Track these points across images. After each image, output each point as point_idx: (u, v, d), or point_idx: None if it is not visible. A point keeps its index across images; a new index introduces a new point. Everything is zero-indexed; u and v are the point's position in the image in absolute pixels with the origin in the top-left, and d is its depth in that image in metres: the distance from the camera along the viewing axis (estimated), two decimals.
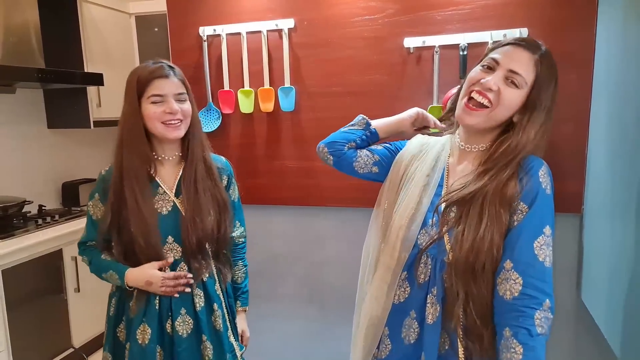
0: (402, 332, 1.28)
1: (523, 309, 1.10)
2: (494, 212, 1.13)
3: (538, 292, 1.11)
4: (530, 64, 1.16)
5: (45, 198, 3.46)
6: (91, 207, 1.61)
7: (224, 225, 1.63)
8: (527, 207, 1.14)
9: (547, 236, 1.13)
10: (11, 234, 2.80)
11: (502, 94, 1.15)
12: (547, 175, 1.17)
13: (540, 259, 1.12)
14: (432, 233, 1.23)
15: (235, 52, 2.43)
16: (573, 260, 2.22)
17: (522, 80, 1.15)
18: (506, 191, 1.13)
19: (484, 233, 1.12)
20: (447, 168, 1.30)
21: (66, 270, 2.98)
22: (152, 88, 1.48)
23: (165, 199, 1.56)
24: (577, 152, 2.12)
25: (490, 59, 1.19)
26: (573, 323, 2.24)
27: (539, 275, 1.12)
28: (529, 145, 1.17)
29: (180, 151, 1.61)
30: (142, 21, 3.67)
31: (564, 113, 2.10)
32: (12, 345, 2.62)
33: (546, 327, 1.10)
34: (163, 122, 1.49)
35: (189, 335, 1.59)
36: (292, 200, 2.49)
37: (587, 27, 2.02)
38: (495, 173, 1.16)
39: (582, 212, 2.16)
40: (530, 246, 1.12)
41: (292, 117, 2.42)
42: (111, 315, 1.65)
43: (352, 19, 2.28)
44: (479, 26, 2.14)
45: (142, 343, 1.54)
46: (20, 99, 3.29)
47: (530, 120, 1.17)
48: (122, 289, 1.60)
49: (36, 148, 3.43)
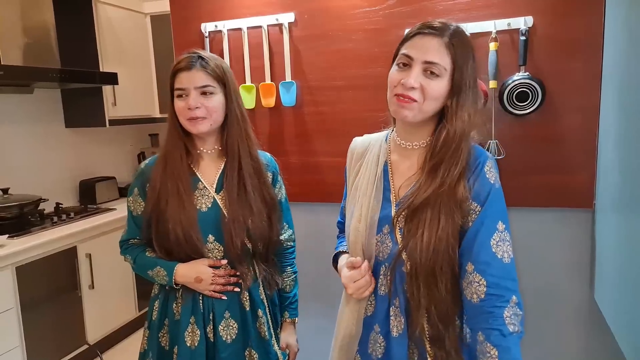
0: (369, 347, 1.25)
1: (491, 310, 1.08)
2: (448, 212, 1.11)
3: (502, 290, 1.09)
4: (442, 49, 1.10)
5: (63, 196, 3.55)
6: (131, 202, 1.53)
7: (274, 227, 1.54)
8: (480, 206, 1.12)
9: (501, 232, 1.11)
10: (27, 231, 2.87)
11: (426, 88, 1.11)
12: (493, 168, 1.15)
13: (499, 256, 1.10)
14: (387, 242, 1.20)
15: (236, 47, 2.43)
16: (585, 257, 2.13)
17: (441, 67, 1.10)
18: (457, 192, 1.11)
19: (440, 234, 1.10)
20: (390, 167, 1.26)
21: (81, 267, 3.03)
22: (177, 82, 1.43)
23: (205, 195, 1.47)
24: (586, 145, 2.03)
25: (402, 56, 1.14)
26: (585, 322, 2.15)
27: (500, 273, 1.09)
28: (466, 127, 1.13)
29: (220, 145, 1.52)
30: (157, 21, 3.72)
31: (571, 104, 2.02)
32: (27, 341, 2.69)
33: (517, 323, 1.08)
34: (186, 117, 1.42)
35: (234, 340, 1.49)
36: (297, 196, 2.46)
37: (595, 12, 1.94)
38: (446, 169, 1.13)
39: (593, 207, 2.06)
40: (487, 245, 1.10)
41: (294, 111, 2.39)
42: (154, 320, 1.54)
43: (353, 11, 2.24)
44: (482, 15, 2.08)
45: (192, 346, 1.46)
46: (38, 99, 3.38)
47: (459, 103, 1.13)
48: (166, 291, 1.52)
49: (54, 147, 3.52)
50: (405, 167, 1.23)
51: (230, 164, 1.48)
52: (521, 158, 2.11)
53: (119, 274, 3.32)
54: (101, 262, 3.16)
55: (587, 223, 2.11)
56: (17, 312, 2.64)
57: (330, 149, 2.36)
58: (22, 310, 2.66)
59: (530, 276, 2.20)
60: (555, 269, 2.17)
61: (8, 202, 2.93)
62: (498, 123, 2.10)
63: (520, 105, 2.04)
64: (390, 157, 1.26)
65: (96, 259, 3.12)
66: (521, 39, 2.01)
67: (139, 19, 3.74)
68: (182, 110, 1.41)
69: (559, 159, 2.07)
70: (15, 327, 2.62)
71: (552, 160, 2.08)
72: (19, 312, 2.65)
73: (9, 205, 2.92)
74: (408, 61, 1.13)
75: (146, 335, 1.57)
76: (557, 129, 2.06)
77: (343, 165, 1.44)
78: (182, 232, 1.41)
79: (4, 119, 3.17)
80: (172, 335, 1.50)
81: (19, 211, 2.95)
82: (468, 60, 1.12)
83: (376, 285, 1.23)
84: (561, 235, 2.15)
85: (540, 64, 2.04)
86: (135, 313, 3.48)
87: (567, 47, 2.00)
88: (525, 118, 2.07)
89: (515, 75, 2.04)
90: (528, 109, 2.04)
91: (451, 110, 1.13)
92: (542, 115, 2.05)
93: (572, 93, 2.01)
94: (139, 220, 1.52)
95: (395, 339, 1.18)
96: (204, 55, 1.45)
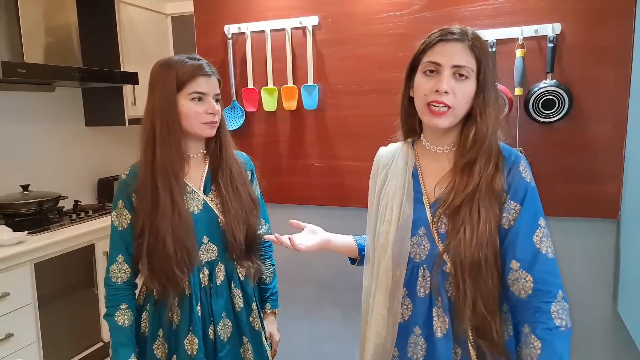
0: (409, 352, 1.25)
1: (539, 305, 1.11)
2: (488, 206, 1.14)
3: (549, 285, 1.12)
4: (467, 52, 1.15)
5: (82, 194, 3.56)
6: (115, 217, 1.47)
7: (255, 222, 1.58)
8: (519, 204, 1.15)
9: (544, 227, 1.15)
10: (46, 228, 2.89)
11: (457, 92, 1.15)
12: (527, 167, 1.19)
13: (543, 252, 1.13)
14: (425, 243, 1.22)
15: (259, 50, 2.43)
16: (609, 269, 2.09)
17: (468, 69, 1.15)
18: (494, 185, 1.15)
19: (482, 228, 1.13)
20: (420, 171, 1.28)
21: (98, 264, 3.04)
22: (195, 85, 1.41)
23: (195, 198, 1.48)
24: (614, 154, 2.00)
25: (429, 64, 1.17)
26: (609, 336, 2.11)
27: (546, 268, 1.13)
28: (495, 124, 1.18)
29: (205, 148, 1.54)
30: (178, 22, 3.74)
31: (600, 112, 1.99)
32: (43, 338, 2.69)
33: (565, 317, 1.10)
34: (203, 121, 1.43)
35: (229, 338, 1.52)
36: (317, 199, 2.46)
37: (625, 19, 1.91)
38: (481, 166, 1.16)
39: (619, 218, 2.03)
40: (530, 242, 1.13)
41: (315, 115, 2.39)
42: (144, 333, 1.52)
43: (377, 16, 2.23)
44: (509, 22, 2.06)
45: (192, 354, 1.46)
46: (59, 97, 3.40)
47: (485, 100, 1.17)
48: (154, 300, 1.49)
49: (74, 145, 3.54)
50: (436, 169, 1.25)
51: (221, 166, 1.52)
52: (546, 166, 2.08)
53: None
54: None
55: (611, 234, 2.08)
56: (35, 308, 2.65)
57: (351, 153, 2.35)
58: (39, 307, 2.67)
59: None
60: (578, 280, 2.13)
61: (28, 198, 2.95)
62: (523, 131, 2.07)
63: (547, 113, 2.02)
64: (420, 162, 1.29)
65: None
66: (549, 45, 1.99)
67: (160, 20, 3.75)
68: (199, 114, 1.42)
69: (585, 168, 2.04)
70: (32, 323, 2.63)
71: (577, 170, 2.05)
72: (37, 309, 2.66)
73: (29, 202, 2.93)
74: (436, 67, 1.16)
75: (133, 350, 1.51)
76: (584, 138, 2.03)
77: (364, 170, 1.46)
78: (178, 242, 1.40)
79: (25, 117, 3.20)
80: (170, 345, 1.49)
81: (38, 208, 2.96)
82: (488, 60, 1.17)
83: (414, 288, 1.24)
84: (585, 245, 2.11)
85: (568, 71, 2.01)
86: None
87: (596, 54, 1.97)
88: (551, 126, 2.04)
89: (542, 83, 2.02)
90: (554, 117, 2.01)
91: (480, 109, 1.17)
92: (568, 123, 2.02)
93: (601, 101, 1.98)
94: (125, 235, 1.46)
95: (440, 339, 1.19)
96: (207, 61, 1.48)
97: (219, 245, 1.50)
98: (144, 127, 1.45)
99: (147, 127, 1.43)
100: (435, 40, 1.18)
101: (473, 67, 1.15)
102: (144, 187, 1.42)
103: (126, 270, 1.47)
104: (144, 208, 1.41)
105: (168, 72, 1.41)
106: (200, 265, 1.48)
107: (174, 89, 1.41)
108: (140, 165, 1.45)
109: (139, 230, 1.42)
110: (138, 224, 1.42)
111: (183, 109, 1.42)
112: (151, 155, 1.42)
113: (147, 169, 1.42)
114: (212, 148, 1.53)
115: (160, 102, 1.42)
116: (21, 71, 2.67)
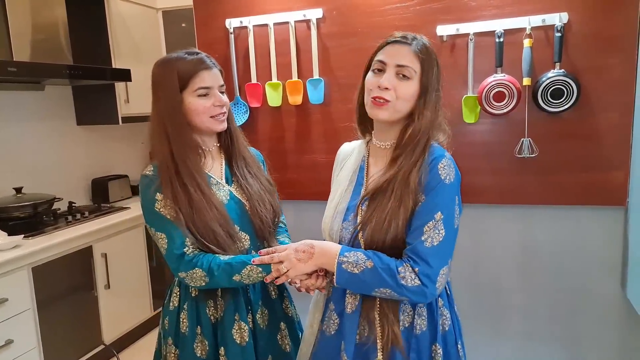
0: (323, 325, 1.38)
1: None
2: (399, 196, 1.23)
3: (410, 260, 1.22)
4: (412, 55, 1.24)
5: (75, 195, 3.48)
6: (162, 209, 1.38)
7: (277, 203, 1.60)
8: (425, 196, 1.23)
9: (438, 220, 1.22)
10: (42, 231, 2.82)
11: (398, 89, 1.24)
12: (448, 167, 1.24)
13: (423, 239, 1.21)
14: (350, 228, 1.32)
15: (262, 44, 2.39)
16: (617, 255, 2.12)
17: (411, 70, 1.24)
18: (409, 180, 1.23)
19: (391, 214, 1.23)
20: (367, 165, 1.39)
21: (96, 267, 2.98)
22: (199, 80, 1.39)
23: (222, 189, 1.48)
24: (621, 143, 2.03)
25: (377, 62, 1.28)
26: (617, 320, 2.16)
27: (416, 251, 1.21)
28: (429, 125, 1.27)
29: (218, 141, 1.54)
30: (169, 16, 3.67)
31: (607, 101, 2.02)
32: (43, 342, 2.63)
33: (408, 277, 1.20)
34: (211, 115, 1.42)
35: (267, 326, 1.53)
36: (324, 195, 2.43)
37: (631, 8, 1.93)
38: (404, 158, 1.26)
39: (626, 205, 2.06)
40: (420, 230, 1.22)
41: (321, 109, 2.37)
42: (184, 333, 1.47)
43: (383, 7, 2.21)
44: (516, 11, 2.06)
45: (241, 343, 1.44)
46: (49, 96, 3.31)
47: (425, 103, 1.26)
48: (192, 299, 1.46)
49: (65, 145, 3.45)
50: (380, 164, 1.35)
51: (235, 156, 1.53)
52: (554, 156, 2.10)
53: (134, 274, 3.28)
54: (116, 261, 3.12)
55: (619, 221, 2.11)
56: (34, 313, 2.59)
57: None
58: (38, 311, 2.61)
59: (563, 274, 2.20)
60: (587, 267, 2.16)
61: (22, 201, 2.87)
62: (532, 120, 2.08)
63: (555, 103, 2.03)
64: (369, 157, 1.40)
65: (112, 258, 3.07)
66: (556, 35, 2.00)
67: (151, 15, 3.67)
68: (207, 109, 1.41)
69: (593, 157, 2.07)
70: (32, 328, 2.57)
71: (585, 158, 2.07)
72: (36, 313, 2.60)
73: (23, 205, 2.85)
74: (382, 66, 1.26)
75: (173, 351, 1.50)
76: (592, 127, 2.05)
77: None
78: (223, 229, 1.39)
79: (15, 116, 3.10)
80: (211, 341, 1.46)
81: (32, 211, 2.89)
82: (433, 67, 1.27)
83: None
84: (593, 232, 2.15)
85: (575, 61, 2.02)
86: (150, 312, 3.44)
87: (604, 43, 1.99)
88: (560, 115, 2.06)
89: (550, 72, 2.03)
90: (563, 107, 2.03)
91: (419, 110, 1.26)
92: (576, 112, 2.04)
93: (608, 90, 2.00)
94: (178, 223, 1.38)
95: (348, 315, 1.31)
96: (206, 54, 1.46)
97: (250, 233, 1.49)
98: (154, 129, 1.41)
99: (158, 129, 1.40)
100: (385, 43, 1.29)
101: (417, 69, 1.24)
102: (172, 182, 1.38)
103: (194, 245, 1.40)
104: (179, 201, 1.37)
105: (169, 72, 1.39)
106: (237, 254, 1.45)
107: (177, 88, 1.39)
108: (160, 167, 1.40)
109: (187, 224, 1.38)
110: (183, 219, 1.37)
111: (191, 106, 1.40)
112: (169, 155, 1.39)
113: (170, 168, 1.39)
114: (224, 140, 1.54)
115: (165, 104, 1.40)
116: (11, 70, 2.59)
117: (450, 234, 1.22)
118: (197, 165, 1.42)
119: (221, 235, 1.39)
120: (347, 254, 1.25)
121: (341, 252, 1.25)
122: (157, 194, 1.39)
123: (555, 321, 2.26)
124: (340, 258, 1.24)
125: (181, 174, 1.38)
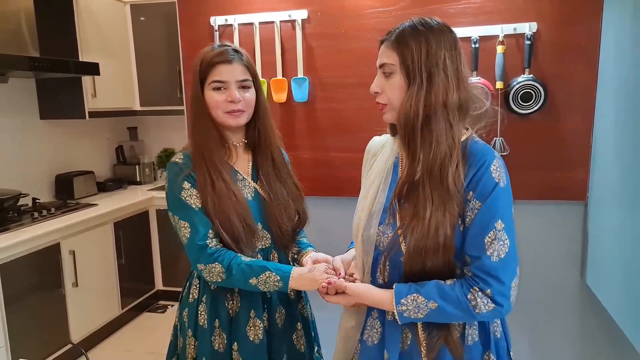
0: (365, 334, 1.30)
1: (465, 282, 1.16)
2: (437, 198, 1.14)
3: (479, 282, 1.14)
4: (389, 50, 1.19)
5: (38, 191, 3.38)
6: (187, 198, 1.40)
7: (304, 209, 1.58)
8: (481, 203, 1.14)
9: (499, 230, 1.14)
10: (6, 228, 2.74)
11: (386, 89, 1.21)
12: (500, 167, 1.17)
13: (488, 254, 1.13)
14: (389, 232, 1.22)
15: (247, 42, 2.42)
16: (577, 246, 2.31)
17: (390, 65, 1.19)
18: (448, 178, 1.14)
19: (430, 218, 1.13)
20: (401, 162, 1.29)
21: (64, 264, 2.92)
22: (215, 74, 1.41)
23: (246, 185, 1.49)
24: (582, 143, 2.20)
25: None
26: (578, 305, 2.34)
27: (485, 269, 1.14)
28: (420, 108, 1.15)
29: (245, 137, 1.54)
30: (137, 10, 3.62)
31: (571, 105, 2.19)
32: (11, 341, 2.58)
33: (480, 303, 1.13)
34: (226, 111, 1.42)
35: (283, 325, 1.52)
36: (307, 190, 2.48)
37: (593, 19, 2.10)
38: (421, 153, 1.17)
39: (586, 201, 2.25)
40: (481, 242, 1.14)
41: (305, 107, 2.43)
42: (202, 325, 1.48)
43: (366, 11, 2.30)
44: (490, 20, 2.20)
45: (255, 340, 1.45)
46: (12, 89, 3.20)
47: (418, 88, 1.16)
48: (212, 292, 1.48)
49: (28, 139, 3.35)
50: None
51: (263, 155, 1.52)
52: (524, 154, 2.26)
53: (102, 272, 3.23)
54: (85, 259, 3.06)
55: (580, 215, 2.29)
56: (1, 311, 2.53)
57: (342, 144, 2.41)
58: (5, 310, 2.54)
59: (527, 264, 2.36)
60: (549, 258, 2.34)
61: None
62: (503, 121, 2.24)
63: (524, 105, 2.19)
64: (403, 153, 1.29)
65: (80, 256, 3.01)
66: (526, 43, 2.16)
67: (119, 8, 3.61)
68: (221, 103, 1.42)
69: (558, 156, 2.24)
70: None
71: (551, 157, 2.24)
72: (3, 312, 2.54)
73: None
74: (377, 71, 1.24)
75: (192, 343, 1.51)
76: (557, 128, 2.22)
77: (354, 161, 1.51)
78: (243, 222, 1.40)
79: None
80: (228, 335, 1.47)
81: None
82: (419, 48, 1.15)
83: (375, 274, 1.28)
84: (556, 226, 2.32)
85: (543, 67, 2.19)
86: (118, 311, 3.39)
87: (569, 51, 2.16)
88: (529, 117, 2.22)
89: (520, 77, 2.19)
90: (531, 109, 2.19)
91: (409, 96, 1.17)
92: (543, 114, 2.21)
93: (573, 94, 2.18)
94: (203, 211, 1.41)
95: (390, 322, 1.24)
96: (237, 48, 1.47)
97: (271, 233, 1.50)
98: (188, 117, 1.48)
99: (188, 117, 1.47)
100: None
101: (394, 61, 1.18)
102: (202, 174, 1.41)
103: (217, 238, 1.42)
104: (206, 188, 1.39)
105: (197, 62, 1.43)
106: (255, 252, 1.47)
107: (198, 79, 1.43)
108: (192, 153, 1.45)
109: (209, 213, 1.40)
110: (207, 208, 1.40)
111: (207, 99, 1.43)
112: (194, 144, 1.44)
113: (198, 156, 1.43)
114: (251, 137, 1.53)
115: (192, 93, 1.45)
116: None
117: (514, 242, 1.15)
118: (220, 157, 1.44)
119: (238, 226, 1.39)
120: (403, 302, 1.16)
121: (397, 301, 1.17)
122: (184, 182, 1.41)
123: (517, 308, 2.41)
124: (399, 307, 1.16)
125: (207, 163, 1.41)
